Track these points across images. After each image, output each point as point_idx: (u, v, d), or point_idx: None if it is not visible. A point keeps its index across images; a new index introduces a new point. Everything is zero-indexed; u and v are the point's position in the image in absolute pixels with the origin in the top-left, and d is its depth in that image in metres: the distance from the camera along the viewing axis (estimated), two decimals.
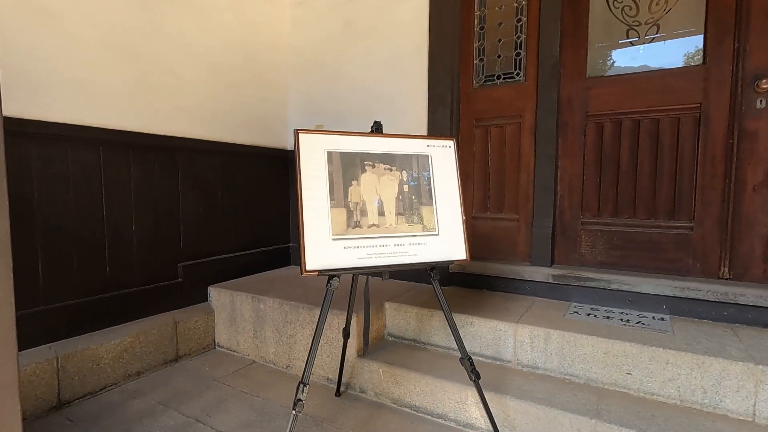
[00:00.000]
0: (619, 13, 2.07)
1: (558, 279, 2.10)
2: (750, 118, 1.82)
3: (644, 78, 2.02)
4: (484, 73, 2.40)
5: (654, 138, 2.02)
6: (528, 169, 2.28)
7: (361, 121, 2.69)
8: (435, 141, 1.39)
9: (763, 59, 1.78)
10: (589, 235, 2.19)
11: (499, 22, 2.33)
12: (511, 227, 2.37)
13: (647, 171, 2.04)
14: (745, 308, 1.74)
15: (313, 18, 2.85)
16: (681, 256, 1.99)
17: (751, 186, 1.83)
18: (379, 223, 1.27)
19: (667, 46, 1.99)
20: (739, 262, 1.88)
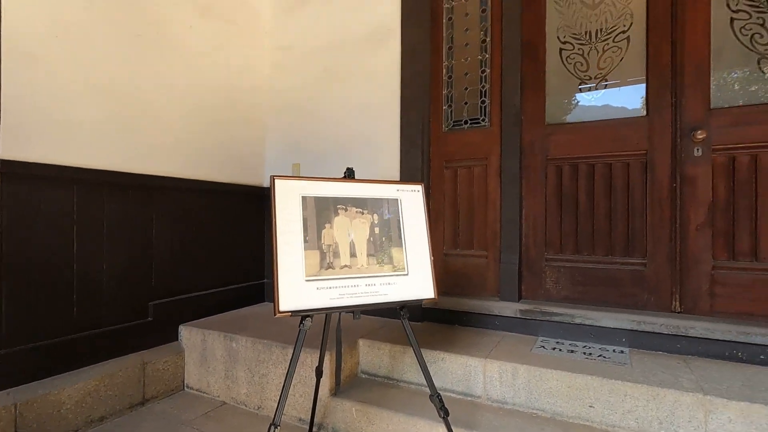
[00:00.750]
0: (572, 68, 2.28)
1: (525, 314, 2.19)
2: (689, 164, 2.01)
3: (597, 126, 2.21)
4: (453, 118, 2.56)
5: (608, 181, 2.19)
6: (495, 208, 2.41)
7: (338, 160, 2.79)
8: (404, 186, 1.49)
9: (697, 112, 1.99)
10: (554, 271, 2.30)
11: (466, 72, 2.52)
12: (481, 264, 2.47)
13: (603, 211, 2.19)
14: (695, 340, 1.86)
15: (292, 63, 2.99)
16: (637, 291, 2.12)
17: (694, 226, 2.00)
18: (351, 264, 1.33)
19: (615, 98, 2.19)
20: (688, 296, 2.01)
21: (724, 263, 1.95)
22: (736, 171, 1.93)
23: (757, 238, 1.89)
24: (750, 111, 1.90)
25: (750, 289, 1.90)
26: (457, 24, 2.55)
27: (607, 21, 2.20)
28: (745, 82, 1.93)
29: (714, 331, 1.82)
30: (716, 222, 1.96)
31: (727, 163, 1.95)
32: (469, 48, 2.50)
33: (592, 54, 2.23)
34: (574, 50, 2.27)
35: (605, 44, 2.20)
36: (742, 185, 1.92)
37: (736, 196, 1.93)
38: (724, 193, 1.95)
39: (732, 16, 1.95)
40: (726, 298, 1.95)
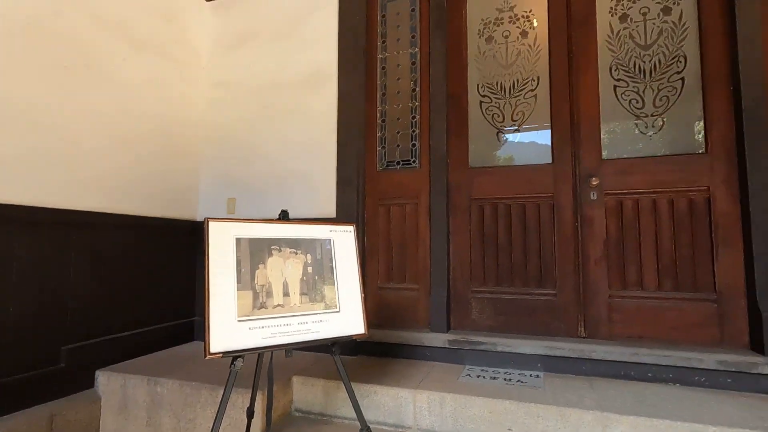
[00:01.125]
0: (490, 119, 2.56)
1: (453, 344, 2.33)
2: (587, 207, 2.32)
3: (512, 171, 2.48)
4: (386, 158, 2.73)
5: (523, 220, 2.44)
6: (425, 243, 2.57)
7: (275, 195, 2.83)
8: (337, 226, 1.58)
9: (592, 162, 2.32)
10: (479, 303, 2.49)
11: (398, 117, 2.72)
12: (413, 296, 2.59)
13: (519, 247, 2.43)
14: (597, 362, 2.10)
15: (231, 98, 3.03)
16: (549, 319, 2.35)
17: (593, 260, 2.28)
18: (284, 303, 1.38)
19: (527, 146, 2.49)
20: (591, 322, 2.28)
21: (618, 292, 2.24)
22: (623, 213, 2.26)
23: (642, 269, 2.21)
24: (632, 163, 2.26)
25: (638, 314, 2.20)
26: (389, 73, 2.76)
27: (518, 80, 2.52)
28: (627, 138, 2.30)
29: (611, 353, 2.07)
30: (610, 256, 2.27)
31: (616, 206, 2.28)
32: (401, 95, 2.72)
33: (507, 107, 2.53)
34: (492, 103, 2.56)
35: (517, 99, 2.51)
36: (628, 225, 2.25)
37: (625, 234, 2.25)
38: (615, 231, 2.27)
39: (614, 83, 2.33)
40: (621, 323, 2.23)
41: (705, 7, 2.20)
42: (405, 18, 2.76)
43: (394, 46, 2.77)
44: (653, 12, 2.29)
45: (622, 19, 2.34)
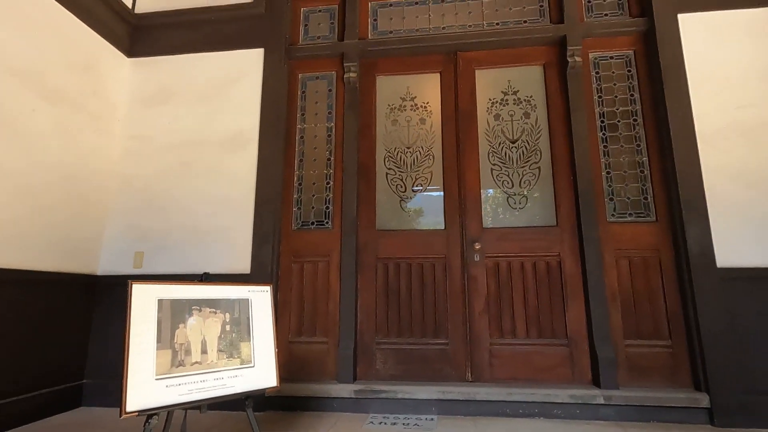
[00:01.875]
0: (394, 188, 2.96)
1: (358, 393, 2.51)
2: (472, 267, 2.76)
3: (413, 234, 2.86)
4: (301, 219, 2.95)
5: (421, 277, 2.80)
6: (335, 299, 2.79)
7: (190, 250, 2.85)
8: (255, 287, 1.75)
9: (475, 230, 2.80)
10: (383, 353, 2.73)
11: (313, 182, 2.99)
12: (322, 349, 2.75)
13: (418, 301, 2.77)
14: (481, 403, 2.44)
15: (147, 152, 3.05)
16: (443, 366, 2.67)
17: (477, 312, 2.70)
18: (202, 361, 1.49)
19: (426, 213, 2.90)
20: (476, 368, 2.64)
21: (496, 340, 2.66)
22: (500, 272, 2.74)
23: (514, 320, 2.67)
24: (506, 231, 2.78)
25: (512, 358, 2.62)
26: (307, 142, 3.06)
27: (417, 157, 2.98)
28: (502, 212, 2.83)
29: (491, 394, 2.42)
30: (490, 309, 2.70)
31: (494, 267, 2.75)
32: (317, 162, 3.02)
33: (408, 179, 2.95)
34: (396, 175, 2.97)
35: (417, 173, 2.95)
36: (504, 283, 2.72)
37: (501, 290, 2.71)
38: (494, 288, 2.72)
39: (491, 167, 2.89)
40: (499, 367, 2.62)
41: (552, 114, 2.89)
42: (323, 95, 3.13)
43: (312, 118, 3.10)
44: (518, 115, 2.95)
45: (496, 118, 2.96)
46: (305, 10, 3.28)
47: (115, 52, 3.13)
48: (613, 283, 2.59)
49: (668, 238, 2.60)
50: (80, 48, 2.82)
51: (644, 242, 2.62)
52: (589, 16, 2.97)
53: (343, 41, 3.10)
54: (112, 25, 3.09)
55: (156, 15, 3.25)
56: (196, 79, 3.14)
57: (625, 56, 2.89)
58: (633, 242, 2.63)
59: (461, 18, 3.10)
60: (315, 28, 3.25)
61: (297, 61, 3.18)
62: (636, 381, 2.48)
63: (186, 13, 3.23)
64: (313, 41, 3.21)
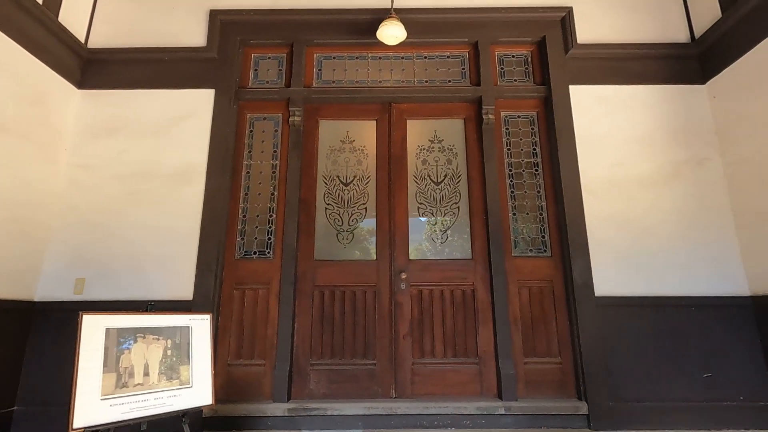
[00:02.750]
0: (332, 222, 3.28)
1: (292, 412, 2.74)
2: (399, 294, 3.11)
3: (348, 264, 3.18)
4: (244, 248, 3.18)
5: (353, 303, 3.11)
6: (273, 324, 3.02)
7: (134, 277, 2.97)
8: (195, 315, 1.98)
9: (402, 261, 3.17)
10: (316, 374, 2.98)
11: (257, 215, 3.25)
12: (260, 371, 2.96)
13: (350, 326, 3.07)
14: (402, 416, 2.75)
15: (93, 182, 3.17)
16: (371, 384, 2.97)
17: (402, 335, 3.04)
18: (144, 382, 1.70)
19: (359, 246, 3.24)
20: (400, 385, 2.96)
21: (418, 360, 3.00)
22: (423, 299, 3.11)
23: (434, 342, 3.03)
24: (429, 263, 3.16)
25: (431, 376, 2.97)
26: (253, 177, 3.33)
27: (354, 195, 3.32)
28: (426, 245, 3.23)
29: (410, 408, 2.75)
30: (414, 332, 3.05)
31: (418, 294, 3.12)
32: (261, 197, 3.28)
33: (345, 215, 3.29)
34: (334, 210, 3.30)
35: (353, 210, 3.30)
36: (426, 308, 3.09)
37: (423, 315, 3.08)
38: (417, 313, 3.09)
39: (418, 206, 3.29)
40: (420, 384, 2.96)
41: (470, 162, 3.36)
42: (269, 135, 3.42)
43: (258, 156, 3.38)
44: (442, 161, 3.39)
45: (423, 163, 3.39)
46: (256, 56, 3.59)
47: (65, 84, 3.25)
48: (515, 309, 3.04)
49: (560, 270, 3.10)
50: (30, 80, 2.93)
51: (541, 274, 3.11)
52: (502, 80, 3.51)
53: (290, 87, 3.43)
54: (64, 58, 3.22)
55: (109, 50, 3.42)
56: (147, 113, 3.32)
57: (529, 116, 3.44)
58: (532, 274, 3.11)
59: (396, 74, 3.54)
60: (264, 73, 3.56)
61: (246, 103, 3.46)
62: (532, 393, 2.91)
63: (140, 51, 3.42)
64: (262, 85, 3.52)
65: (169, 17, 3.53)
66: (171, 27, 3.50)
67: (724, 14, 3.09)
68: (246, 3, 3.52)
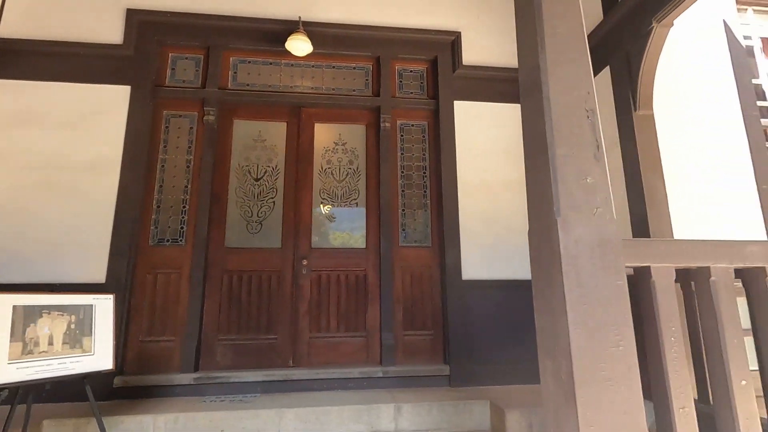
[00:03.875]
0: (243, 213, 3.64)
1: (197, 380, 3.13)
2: (301, 278, 3.57)
3: (256, 251, 3.57)
4: (158, 236, 3.48)
5: (259, 286, 3.52)
6: (184, 304, 3.36)
7: (47, 262, 3.17)
8: (99, 296, 2.31)
9: (305, 249, 3.61)
10: (223, 348, 3.38)
11: (171, 205, 3.54)
12: (170, 347, 3.30)
13: (255, 305, 3.48)
14: (295, 382, 3.23)
15: (6, 171, 3.29)
16: (272, 355, 3.41)
17: (302, 313, 3.50)
18: (48, 350, 2.03)
19: (268, 235, 3.63)
20: (298, 356, 3.44)
21: (315, 334, 3.49)
22: (321, 282, 3.59)
23: (329, 319, 3.53)
24: (328, 251, 3.63)
25: (326, 348, 3.47)
26: (168, 171, 3.60)
27: (263, 190, 3.70)
28: (328, 235, 3.69)
29: (304, 374, 3.24)
30: (312, 311, 3.53)
31: (317, 278, 3.59)
32: (175, 189, 3.57)
33: (255, 207, 3.67)
34: (245, 203, 3.66)
35: (262, 203, 3.68)
36: (323, 290, 3.57)
37: (321, 296, 3.56)
38: (316, 294, 3.56)
39: (321, 201, 3.74)
40: (315, 355, 3.46)
41: (369, 163, 3.85)
42: (185, 132, 3.70)
43: (174, 151, 3.65)
44: (344, 161, 3.85)
45: (328, 162, 3.83)
46: (173, 55, 3.82)
47: None
48: (399, 291, 3.61)
49: (437, 259, 3.70)
50: None
51: (422, 261, 3.69)
52: (400, 92, 4.01)
53: (205, 88, 3.71)
54: None
55: (22, 42, 3.50)
56: (61, 106, 3.47)
57: (421, 125, 3.98)
58: (415, 261, 3.69)
59: (306, 80, 3.93)
60: (182, 72, 3.80)
61: (163, 100, 3.69)
62: (409, 360, 3.50)
63: (55, 44, 3.53)
64: (179, 84, 3.76)
65: (85, 12, 3.65)
66: (87, 22, 3.63)
67: None
68: (164, 4, 3.72)
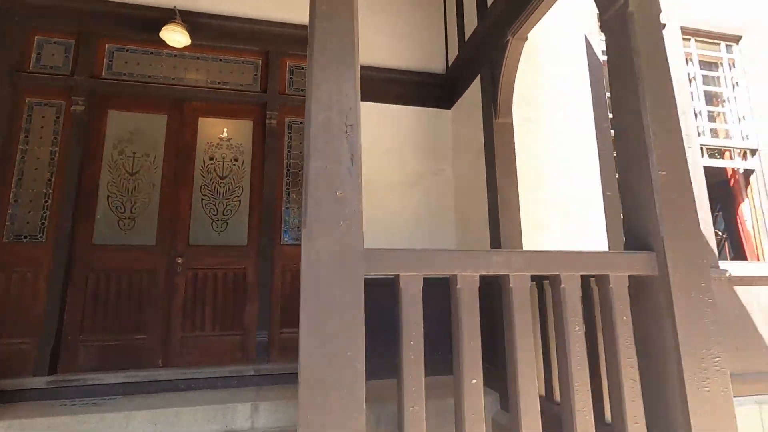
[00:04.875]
0: (115, 210, 3.50)
1: (52, 384, 3.00)
2: (176, 276, 3.49)
3: (129, 249, 3.45)
4: (14, 232, 3.27)
5: (131, 284, 3.41)
6: (42, 304, 3.20)
7: None
8: None
9: (182, 247, 3.53)
10: (87, 349, 3.25)
11: (30, 199, 3.33)
12: (26, 349, 3.13)
13: (125, 304, 3.37)
14: (161, 382, 3.17)
15: None
16: (141, 356, 3.33)
17: (175, 312, 3.43)
18: None
19: (143, 231, 3.51)
20: (169, 356, 3.37)
21: (189, 333, 3.44)
22: (198, 281, 3.53)
23: (204, 317, 3.48)
24: (207, 249, 3.57)
25: (200, 347, 3.43)
26: (29, 162, 3.38)
27: (139, 185, 3.57)
28: (206, 233, 3.63)
29: (169, 375, 3.18)
30: (186, 310, 3.46)
31: (193, 276, 3.52)
32: (37, 182, 3.36)
33: (128, 203, 3.53)
34: (117, 198, 3.51)
35: (137, 198, 3.55)
36: (200, 288, 3.51)
37: (196, 295, 3.50)
38: (191, 293, 3.50)
39: (201, 197, 3.66)
40: (188, 354, 3.41)
41: (254, 160, 3.80)
42: (50, 122, 3.48)
43: (37, 141, 3.42)
44: (228, 158, 3.78)
45: (211, 159, 3.75)
46: (39, 38, 3.57)
47: None
48: (278, 289, 3.62)
49: None
50: None
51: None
52: (290, 89, 3.98)
53: (74, 76, 3.50)
54: None
55: None
56: None
57: None
58: (298, 259, 3.68)
59: (191, 72, 3.80)
60: (49, 57, 3.56)
61: (26, 87, 3.45)
62: (284, 357, 3.53)
63: None
64: (45, 70, 3.53)
65: None
66: None
67: (459, 54, 3.90)
68: None
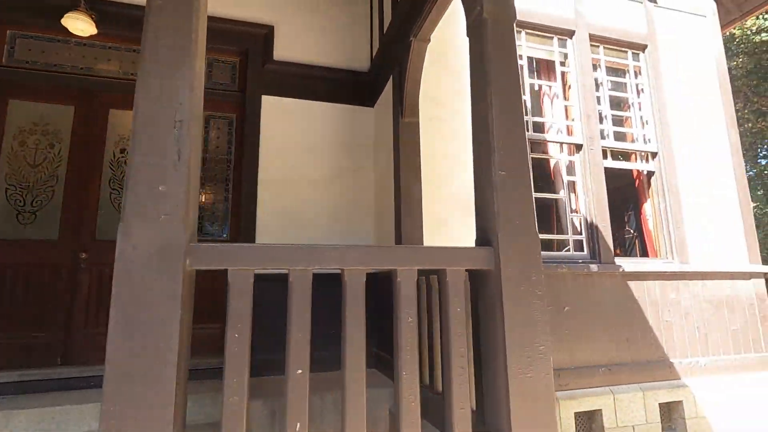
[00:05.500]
0: (14, 203, 3.36)
1: None
2: (80, 273, 3.39)
3: (25, 243, 3.32)
4: None
5: (28, 280, 3.28)
6: None
7: None
8: None
9: (87, 241, 3.43)
10: None
11: None
12: None
13: (22, 302, 3.24)
14: (58, 380, 3.07)
15: None
16: (38, 354, 3.22)
17: (78, 310, 3.33)
18: None
19: (43, 227, 3.39)
20: (70, 354, 3.28)
21: (92, 331, 3.35)
22: (103, 277, 3.44)
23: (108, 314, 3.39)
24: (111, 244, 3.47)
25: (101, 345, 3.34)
26: None
27: (41, 178, 3.44)
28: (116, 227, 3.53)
29: (63, 373, 3.06)
30: (90, 307, 3.37)
31: (99, 272, 3.43)
32: None
33: (29, 196, 3.40)
34: (17, 191, 3.38)
35: (39, 191, 3.42)
36: (105, 285, 3.43)
37: (102, 291, 3.42)
38: (96, 290, 3.41)
39: (110, 191, 3.57)
40: (93, 352, 3.32)
41: None
42: None
43: None
44: None
45: (122, 151, 3.65)
46: None
47: None
48: None
49: None
50: None
51: None
52: (209, 83, 3.92)
53: None
54: None
55: None
56: None
57: (229, 118, 3.94)
58: None
59: (102, 63, 3.70)
60: None
61: None
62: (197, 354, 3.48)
63: None
64: None
65: None
66: None
67: (378, 52, 3.96)
68: None
